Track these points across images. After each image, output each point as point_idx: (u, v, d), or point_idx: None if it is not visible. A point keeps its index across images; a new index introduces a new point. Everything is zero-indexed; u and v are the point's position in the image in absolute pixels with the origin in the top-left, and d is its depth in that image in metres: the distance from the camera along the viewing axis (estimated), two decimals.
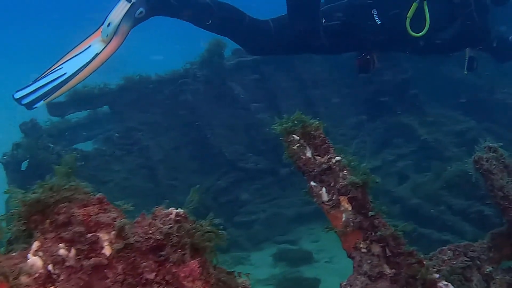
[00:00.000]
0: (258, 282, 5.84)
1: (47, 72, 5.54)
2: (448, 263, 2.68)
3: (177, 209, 1.92)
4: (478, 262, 2.78)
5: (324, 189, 2.48)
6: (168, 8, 5.63)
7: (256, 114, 7.90)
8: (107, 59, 5.62)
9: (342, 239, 2.47)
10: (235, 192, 7.37)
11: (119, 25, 5.45)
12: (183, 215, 1.90)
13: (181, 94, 7.81)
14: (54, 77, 5.45)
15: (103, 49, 5.50)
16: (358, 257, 2.44)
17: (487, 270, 2.79)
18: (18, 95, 5.45)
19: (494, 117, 8.68)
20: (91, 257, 1.80)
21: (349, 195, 2.44)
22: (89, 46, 5.60)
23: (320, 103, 8.75)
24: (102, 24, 5.57)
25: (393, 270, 2.39)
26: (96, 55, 5.49)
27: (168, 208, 1.93)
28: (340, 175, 2.46)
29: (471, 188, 5.98)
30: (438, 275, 2.40)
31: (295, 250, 6.38)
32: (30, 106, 5.46)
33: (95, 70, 5.56)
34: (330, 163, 2.47)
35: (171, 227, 1.88)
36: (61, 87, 5.42)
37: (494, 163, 2.87)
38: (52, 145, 7.00)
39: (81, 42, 5.66)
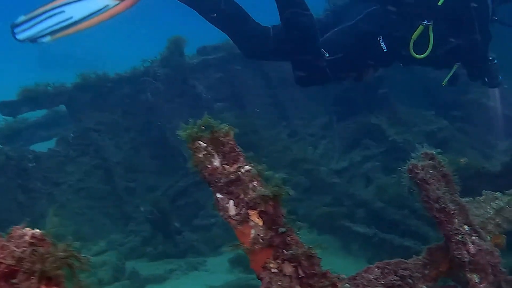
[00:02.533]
0: None
1: (45, 10, 5.15)
2: (374, 283, 2.43)
3: (33, 229, 1.67)
4: (410, 281, 2.52)
5: (231, 201, 2.23)
6: None
7: (220, 113, 7.61)
8: (117, 14, 5.23)
9: (250, 257, 2.21)
10: (195, 194, 7.09)
11: None
12: (40, 236, 1.64)
13: (141, 93, 7.53)
14: (60, 20, 5.12)
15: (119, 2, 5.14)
16: (267, 278, 2.18)
17: None
18: (21, 36, 5.14)
19: (467, 117, 8.48)
20: None
21: (259, 209, 2.18)
22: None
23: (288, 102, 8.52)
24: None
25: None
26: (107, 7, 5.12)
27: (25, 228, 1.68)
28: (250, 186, 2.21)
29: None
30: None
31: None
32: (34, 40, 5.16)
33: (103, 21, 5.18)
34: (239, 173, 2.21)
35: (24, 250, 1.62)
36: (68, 28, 5.13)
37: (430, 171, 2.63)
38: (1, 146, 6.72)
39: None
